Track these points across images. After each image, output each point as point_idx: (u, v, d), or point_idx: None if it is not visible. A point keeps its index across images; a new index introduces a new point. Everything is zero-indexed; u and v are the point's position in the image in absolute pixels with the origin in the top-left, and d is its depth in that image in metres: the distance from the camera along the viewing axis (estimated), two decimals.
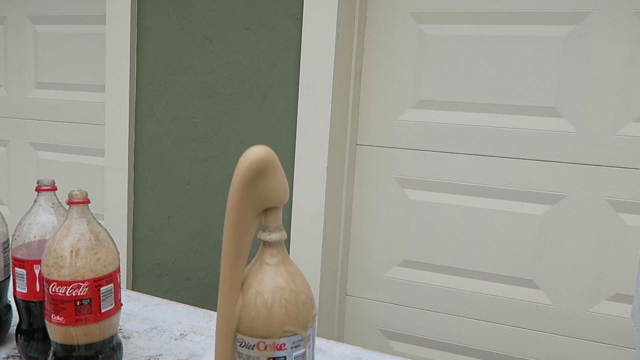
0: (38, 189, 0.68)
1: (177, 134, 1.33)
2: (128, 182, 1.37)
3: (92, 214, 0.63)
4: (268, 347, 0.48)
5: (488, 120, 1.15)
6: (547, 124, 1.11)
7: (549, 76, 1.09)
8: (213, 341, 0.75)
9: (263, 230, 0.49)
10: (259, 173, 0.44)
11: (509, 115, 1.13)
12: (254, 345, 0.48)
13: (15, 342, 0.68)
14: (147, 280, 1.40)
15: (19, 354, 0.68)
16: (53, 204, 0.68)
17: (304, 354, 0.50)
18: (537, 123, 1.11)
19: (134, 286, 1.41)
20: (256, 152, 0.43)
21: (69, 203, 0.61)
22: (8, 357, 0.69)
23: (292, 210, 1.21)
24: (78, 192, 0.61)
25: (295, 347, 0.49)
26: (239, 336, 0.49)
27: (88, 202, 0.62)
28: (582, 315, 1.12)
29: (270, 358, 0.48)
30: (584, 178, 1.09)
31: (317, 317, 0.51)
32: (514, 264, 1.16)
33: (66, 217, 0.61)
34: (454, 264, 1.21)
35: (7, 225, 0.72)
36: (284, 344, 0.48)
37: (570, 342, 1.13)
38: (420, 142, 1.20)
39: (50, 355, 0.61)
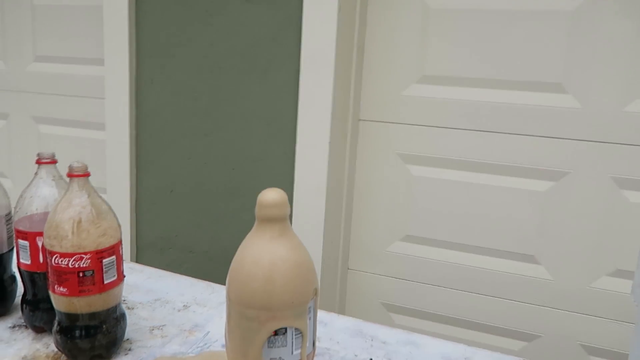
0: (39, 162, 0.68)
1: (178, 108, 1.32)
2: (130, 156, 1.37)
3: (92, 187, 0.62)
4: (268, 319, 0.48)
5: (492, 96, 1.13)
6: (552, 100, 1.09)
7: (555, 51, 1.07)
8: (215, 312, 0.76)
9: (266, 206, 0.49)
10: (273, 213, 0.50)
11: (513, 91, 1.12)
12: (254, 317, 0.48)
13: (20, 312, 0.69)
14: (150, 253, 1.41)
15: (24, 324, 0.69)
16: (54, 176, 0.68)
17: (305, 326, 0.50)
18: (543, 99, 1.10)
19: (138, 259, 1.43)
20: (272, 198, 0.49)
21: (70, 176, 0.61)
22: (14, 327, 0.70)
23: (295, 185, 1.21)
24: (78, 165, 0.61)
25: (296, 319, 0.49)
26: (239, 308, 0.49)
27: (88, 175, 0.62)
28: (582, 290, 1.13)
29: (271, 330, 0.49)
30: (589, 155, 1.08)
31: (319, 290, 0.52)
32: (516, 240, 1.16)
33: (67, 189, 0.61)
34: (456, 239, 1.21)
35: (9, 198, 0.72)
36: (285, 316, 0.49)
37: (570, 317, 1.14)
38: (423, 118, 1.19)
39: (55, 325, 0.62)
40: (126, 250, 1.40)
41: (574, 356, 1.15)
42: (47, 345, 0.66)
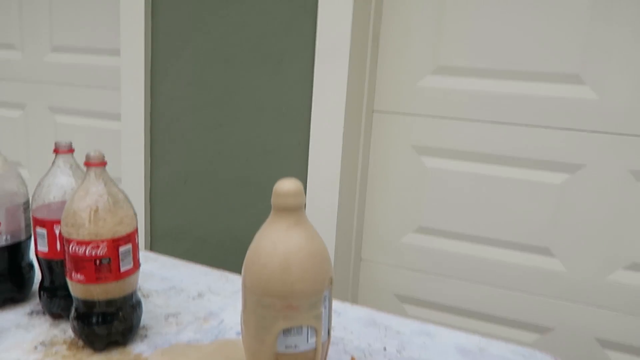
0: (56, 151, 0.68)
1: (192, 99, 1.32)
2: (144, 146, 1.38)
3: (109, 176, 0.63)
4: (284, 308, 0.49)
5: (508, 87, 1.12)
6: (569, 92, 1.08)
7: (573, 42, 1.06)
8: (230, 301, 0.76)
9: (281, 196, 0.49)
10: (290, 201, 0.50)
11: (530, 82, 1.10)
12: (270, 305, 0.48)
13: (38, 299, 0.70)
14: (165, 242, 1.43)
15: (42, 310, 0.70)
16: (71, 165, 0.69)
17: (320, 315, 0.50)
18: (559, 90, 1.08)
19: (152, 248, 1.44)
20: (288, 188, 0.50)
21: (87, 165, 0.62)
22: (32, 313, 0.71)
23: (308, 176, 1.21)
24: (95, 154, 0.62)
25: (312, 307, 0.49)
26: (255, 296, 0.49)
27: (105, 164, 0.63)
28: (597, 283, 1.12)
29: (286, 318, 0.49)
30: (606, 147, 1.07)
31: (333, 279, 0.52)
32: (530, 232, 1.15)
33: (84, 178, 0.62)
34: (470, 232, 1.20)
35: (26, 187, 0.73)
36: (300, 305, 0.49)
37: (584, 310, 1.13)
38: (438, 109, 1.18)
39: (73, 311, 0.63)
40: (140, 239, 1.42)
41: (588, 349, 1.14)
42: (65, 331, 0.67)
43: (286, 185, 0.49)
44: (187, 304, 0.75)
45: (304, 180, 1.22)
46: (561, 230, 1.13)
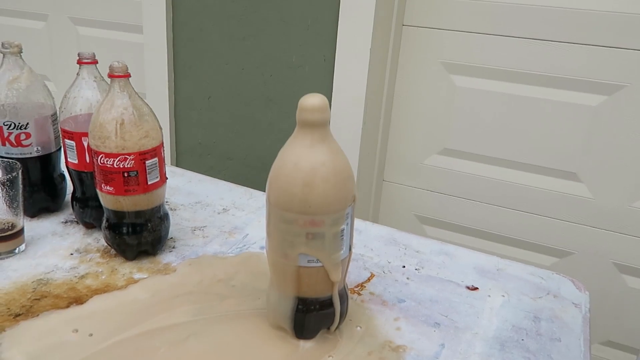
0: (80, 62, 0.68)
1: (215, 11, 1.28)
2: (167, 60, 1.36)
3: (133, 88, 0.62)
4: (307, 223, 0.49)
5: None
6: (615, 5, 1.00)
7: None
8: (254, 216, 0.78)
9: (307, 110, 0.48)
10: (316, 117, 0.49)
11: None
12: (293, 220, 0.49)
13: (71, 209, 0.73)
14: (189, 159, 1.45)
15: (75, 219, 0.73)
16: (95, 77, 0.68)
17: (342, 231, 0.51)
18: (605, 4, 1.01)
19: (178, 164, 1.47)
20: (313, 103, 0.48)
21: (111, 76, 0.61)
22: (66, 222, 0.74)
23: (333, 93, 1.18)
24: (119, 65, 0.61)
25: (334, 224, 0.50)
26: (279, 211, 0.50)
27: (129, 76, 0.62)
28: (622, 210, 1.10)
29: (309, 233, 0.50)
30: None
31: (357, 197, 0.52)
32: (559, 156, 1.13)
33: (109, 90, 0.62)
34: (496, 154, 1.18)
35: (53, 99, 0.73)
36: (323, 221, 0.49)
37: (606, 235, 1.13)
38: (471, 24, 1.12)
39: (104, 221, 0.65)
40: (166, 155, 1.44)
41: (605, 273, 1.15)
42: (98, 240, 0.70)
43: (311, 100, 0.48)
44: (212, 218, 0.77)
45: (328, 98, 1.19)
46: (591, 155, 1.10)
